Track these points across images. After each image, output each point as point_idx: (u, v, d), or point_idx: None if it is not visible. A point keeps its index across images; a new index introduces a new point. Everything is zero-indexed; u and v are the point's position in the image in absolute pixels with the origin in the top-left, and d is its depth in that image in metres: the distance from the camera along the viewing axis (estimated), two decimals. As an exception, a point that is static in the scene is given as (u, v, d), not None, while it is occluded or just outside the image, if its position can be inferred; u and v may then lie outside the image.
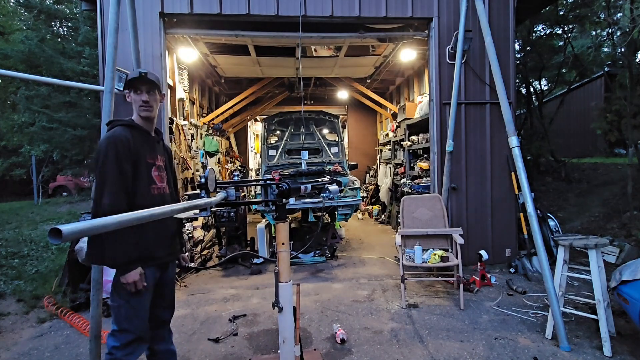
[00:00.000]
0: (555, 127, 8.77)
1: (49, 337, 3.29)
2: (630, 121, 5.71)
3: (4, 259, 5.49)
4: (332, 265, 5.25)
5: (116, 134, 1.90)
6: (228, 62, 6.90)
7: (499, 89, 4.04)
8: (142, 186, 1.94)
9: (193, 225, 5.33)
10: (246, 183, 2.45)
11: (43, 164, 12.36)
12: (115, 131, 1.92)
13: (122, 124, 1.98)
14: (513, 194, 4.88)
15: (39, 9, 9.36)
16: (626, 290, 2.77)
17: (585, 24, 7.38)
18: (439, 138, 4.86)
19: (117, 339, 1.92)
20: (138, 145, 1.95)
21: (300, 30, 4.53)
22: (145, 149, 2.00)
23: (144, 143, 2.01)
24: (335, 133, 6.50)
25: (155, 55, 4.37)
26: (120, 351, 1.91)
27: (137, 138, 1.96)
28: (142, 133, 2.02)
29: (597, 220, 5.70)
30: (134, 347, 1.94)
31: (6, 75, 3.25)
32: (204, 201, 1.76)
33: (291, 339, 1.97)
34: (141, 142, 1.99)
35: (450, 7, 4.79)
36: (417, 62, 6.86)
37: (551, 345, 2.94)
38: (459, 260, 3.72)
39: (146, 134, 2.05)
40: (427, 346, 2.97)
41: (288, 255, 1.98)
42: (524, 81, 8.40)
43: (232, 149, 9.83)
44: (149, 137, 2.07)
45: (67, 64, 8.21)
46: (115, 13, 2.88)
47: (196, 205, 1.65)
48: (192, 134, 6.32)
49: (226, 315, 3.61)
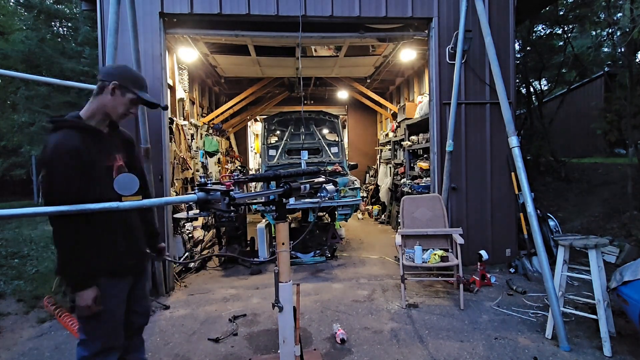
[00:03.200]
0: (555, 127, 8.77)
1: (49, 337, 3.29)
2: (630, 121, 5.71)
3: (4, 259, 5.49)
4: (332, 265, 5.25)
5: (63, 141, 1.66)
6: (228, 62, 6.90)
7: (499, 89, 4.04)
8: (105, 194, 1.71)
9: (193, 225, 5.34)
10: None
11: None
12: (61, 138, 1.67)
13: (69, 126, 1.72)
14: (513, 194, 4.88)
15: (39, 9, 9.37)
16: (626, 291, 2.77)
17: (585, 24, 7.38)
18: (439, 138, 4.86)
19: (86, 348, 1.79)
20: (90, 150, 1.72)
21: (300, 30, 4.53)
22: (101, 152, 1.79)
23: (98, 145, 1.78)
24: (335, 133, 6.50)
25: (155, 55, 4.37)
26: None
27: (88, 141, 1.73)
28: (94, 133, 1.79)
29: (597, 220, 5.70)
30: (104, 356, 1.81)
31: (6, 75, 3.25)
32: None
33: (291, 339, 1.97)
34: (93, 144, 1.75)
35: (450, 7, 4.79)
36: (417, 62, 6.86)
37: (551, 345, 2.94)
38: (459, 260, 3.72)
39: (98, 133, 1.82)
40: (427, 346, 2.97)
41: (288, 255, 1.98)
42: (524, 81, 8.39)
43: (232, 149, 9.83)
44: (102, 136, 1.83)
45: (67, 64, 8.22)
46: (115, 13, 2.88)
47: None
48: (192, 134, 6.32)
49: (226, 315, 3.61)
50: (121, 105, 1.83)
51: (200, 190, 1.76)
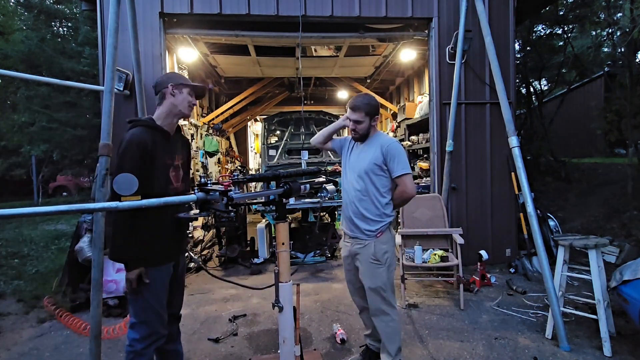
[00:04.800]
0: (555, 127, 8.76)
1: (49, 337, 3.29)
2: (630, 121, 5.71)
3: (4, 259, 5.49)
4: (332, 265, 5.25)
5: (135, 135, 1.93)
6: (228, 62, 6.90)
7: (499, 89, 4.04)
8: (159, 187, 1.96)
9: (193, 225, 5.33)
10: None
11: (43, 164, 12.34)
12: (135, 132, 1.94)
13: (143, 125, 2.00)
14: (513, 194, 4.88)
15: (39, 9, 9.36)
16: (626, 290, 2.77)
17: (585, 24, 7.39)
18: (439, 138, 4.86)
19: (136, 331, 1.97)
20: (157, 146, 1.96)
21: (300, 30, 4.53)
22: (164, 150, 2.01)
23: (164, 144, 2.02)
24: (336, 133, 6.50)
25: (155, 55, 4.37)
26: (139, 343, 1.96)
27: (156, 139, 1.98)
28: (162, 133, 2.03)
29: (597, 220, 5.70)
30: (152, 339, 1.99)
31: (6, 75, 3.25)
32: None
33: (291, 339, 1.97)
34: (161, 143, 2.00)
35: (450, 7, 4.79)
36: (417, 62, 6.86)
37: (551, 345, 2.94)
38: (459, 260, 3.72)
39: (166, 134, 2.06)
40: (427, 346, 2.97)
41: (288, 255, 1.98)
42: (524, 81, 8.40)
43: (232, 149, 9.83)
44: (169, 137, 2.08)
45: (67, 64, 8.22)
46: (115, 13, 2.88)
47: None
48: (192, 134, 6.31)
49: (226, 315, 3.61)
50: (184, 99, 2.06)
51: (199, 190, 1.77)
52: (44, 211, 1.39)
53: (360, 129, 2.42)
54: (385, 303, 2.38)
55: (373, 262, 2.36)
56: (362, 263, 2.40)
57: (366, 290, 2.41)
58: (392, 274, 2.43)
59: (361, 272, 2.42)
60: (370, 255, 2.36)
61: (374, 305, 2.39)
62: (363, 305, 2.57)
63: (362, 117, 2.39)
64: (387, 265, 2.38)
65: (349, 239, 2.49)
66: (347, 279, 2.61)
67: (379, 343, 2.58)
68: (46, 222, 8.53)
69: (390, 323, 2.39)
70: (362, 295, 2.52)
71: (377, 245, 2.36)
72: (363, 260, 2.39)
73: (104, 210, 1.55)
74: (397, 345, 2.42)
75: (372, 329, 2.59)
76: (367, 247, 2.37)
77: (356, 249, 2.43)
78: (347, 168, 2.53)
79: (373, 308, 2.41)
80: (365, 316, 2.63)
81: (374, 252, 2.35)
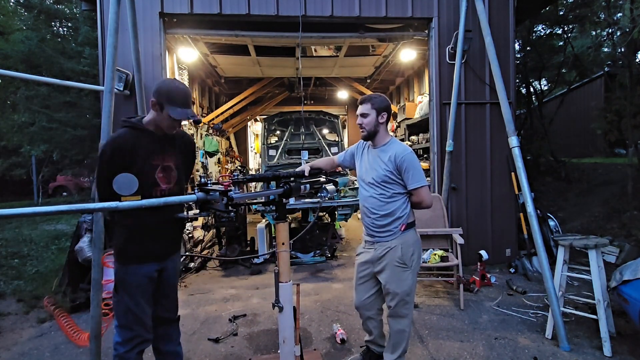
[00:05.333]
0: (555, 127, 8.77)
1: (49, 337, 3.29)
2: (630, 121, 5.71)
3: (4, 259, 5.49)
4: (332, 265, 5.25)
5: (113, 138, 1.92)
6: (228, 62, 6.90)
7: (499, 89, 4.04)
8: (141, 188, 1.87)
9: (193, 225, 5.33)
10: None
11: (43, 164, 12.34)
12: (115, 135, 1.94)
13: (129, 126, 1.97)
14: (513, 194, 4.88)
15: (39, 9, 9.35)
16: (626, 290, 2.77)
17: (585, 24, 7.38)
18: (439, 138, 4.86)
19: (119, 334, 1.99)
20: (143, 147, 1.93)
21: (300, 30, 4.53)
22: (150, 151, 1.97)
23: (150, 145, 1.98)
24: (336, 133, 6.50)
25: (155, 55, 4.37)
26: (122, 347, 1.97)
27: (142, 141, 1.94)
28: (150, 135, 1.99)
29: (597, 220, 5.70)
30: (134, 343, 1.98)
31: (6, 75, 3.25)
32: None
33: (291, 339, 1.97)
34: (148, 144, 1.97)
35: (450, 7, 4.79)
36: (417, 62, 6.86)
37: (551, 345, 2.94)
38: (459, 260, 3.72)
39: (150, 134, 2.00)
40: (427, 346, 2.97)
41: (288, 255, 1.98)
42: (524, 81, 8.40)
43: (232, 149, 9.83)
44: (154, 137, 2.02)
45: (67, 64, 8.21)
46: (115, 13, 2.88)
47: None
48: (192, 134, 6.32)
49: (226, 315, 3.61)
50: (163, 120, 1.96)
51: (199, 190, 1.77)
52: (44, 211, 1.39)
53: (366, 124, 2.32)
54: (407, 307, 2.35)
55: (399, 266, 2.28)
56: (387, 267, 2.31)
57: (390, 293, 2.33)
58: (415, 278, 2.38)
59: (386, 277, 2.33)
60: (396, 259, 2.28)
61: (395, 308, 2.35)
62: (368, 315, 2.53)
63: (368, 109, 2.30)
64: (412, 269, 2.32)
65: (370, 246, 2.41)
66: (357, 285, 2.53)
67: (381, 348, 2.58)
68: (46, 222, 8.52)
69: (405, 326, 2.37)
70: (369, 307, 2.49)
71: (404, 248, 2.29)
72: (388, 264, 2.30)
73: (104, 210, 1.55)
74: (404, 347, 2.41)
75: (375, 336, 2.57)
76: (393, 250, 2.29)
77: (380, 253, 2.33)
78: (360, 173, 2.46)
79: (393, 310, 2.37)
80: (370, 324, 2.56)
81: (401, 255, 2.28)
